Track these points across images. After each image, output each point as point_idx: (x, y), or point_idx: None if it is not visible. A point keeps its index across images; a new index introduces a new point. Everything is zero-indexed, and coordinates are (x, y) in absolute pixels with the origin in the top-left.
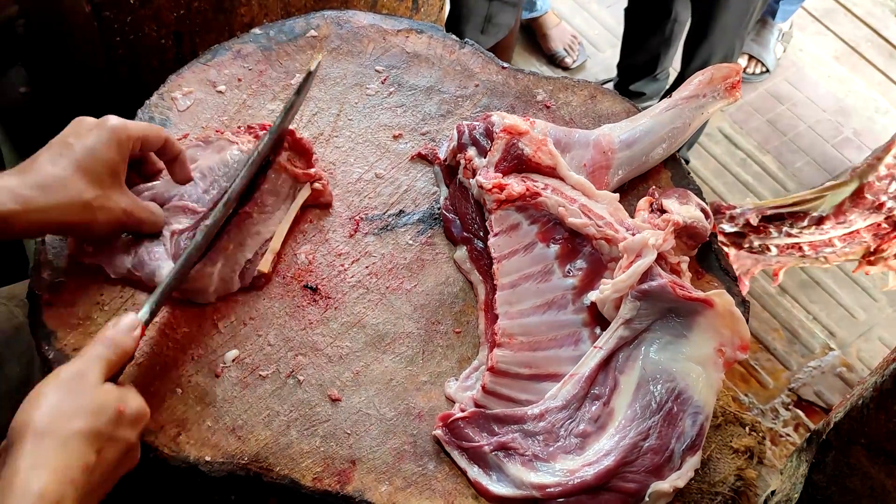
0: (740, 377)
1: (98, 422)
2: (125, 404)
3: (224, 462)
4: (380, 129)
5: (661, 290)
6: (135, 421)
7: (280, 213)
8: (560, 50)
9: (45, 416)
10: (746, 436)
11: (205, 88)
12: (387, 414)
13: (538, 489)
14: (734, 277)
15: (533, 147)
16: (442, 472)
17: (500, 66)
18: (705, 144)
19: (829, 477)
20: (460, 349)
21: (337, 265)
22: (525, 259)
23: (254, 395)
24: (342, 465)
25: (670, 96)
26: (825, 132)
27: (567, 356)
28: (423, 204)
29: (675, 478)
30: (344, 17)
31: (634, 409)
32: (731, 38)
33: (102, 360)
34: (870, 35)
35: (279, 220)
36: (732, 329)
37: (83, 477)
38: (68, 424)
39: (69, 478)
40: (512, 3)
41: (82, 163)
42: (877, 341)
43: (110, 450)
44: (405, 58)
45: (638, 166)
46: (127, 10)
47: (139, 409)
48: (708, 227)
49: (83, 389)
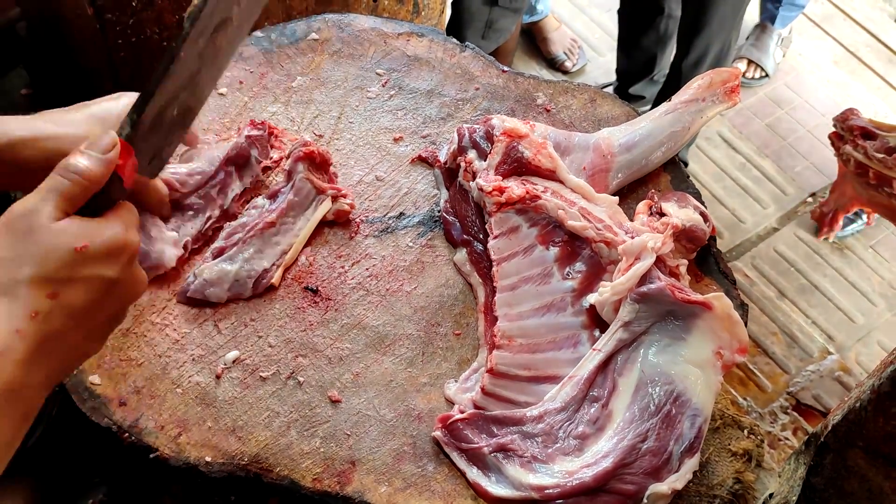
0: (739, 381)
1: (46, 266)
2: (88, 239)
3: (224, 463)
4: (380, 131)
5: (659, 292)
6: (108, 255)
7: (299, 225)
8: (560, 54)
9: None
10: (745, 439)
11: None
12: (386, 415)
13: (537, 490)
14: (733, 280)
15: (533, 150)
16: (441, 473)
17: (500, 70)
18: (704, 148)
19: (827, 479)
20: (460, 351)
21: (337, 267)
22: (525, 261)
23: (254, 396)
24: (342, 466)
25: (669, 100)
26: (824, 136)
27: (566, 358)
28: (424, 206)
29: (673, 480)
30: (345, 21)
31: (633, 411)
32: (728, 29)
33: (56, 193)
34: (869, 40)
35: (297, 233)
36: (731, 332)
37: (33, 325)
38: (10, 273)
39: (13, 328)
40: (513, 9)
41: (98, 113)
42: (875, 345)
43: (72, 292)
44: (406, 61)
45: (637, 170)
46: (129, 13)
47: (112, 242)
48: (707, 229)
49: (30, 230)
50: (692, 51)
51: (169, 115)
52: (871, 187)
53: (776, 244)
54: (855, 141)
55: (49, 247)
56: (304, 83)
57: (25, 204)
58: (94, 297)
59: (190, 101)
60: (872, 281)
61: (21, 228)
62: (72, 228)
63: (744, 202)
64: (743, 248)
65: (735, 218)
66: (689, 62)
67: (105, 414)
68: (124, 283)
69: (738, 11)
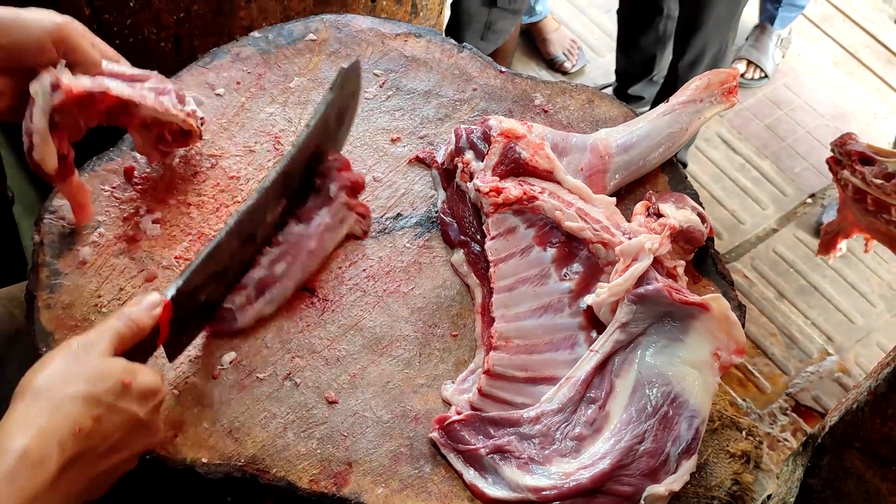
0: (738, 382)
1: (96, 388)
2: (132, 378)
3: (221, 464)
4: (378, 132)
5: (657, 293)
6: (144, 396)
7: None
8: (559, 54)
9: (45, 378)
10: (743, 440)
11: (203, 91)
12: (383, 416)
13: (534, 492)
14: (730, 282)
15: (530, 151)
16: (438, 474)
17: (497, 70)
18: (704, 149)
19: (824, 481)
20: (457, 352)
21: (334, 268)
22: (522, 262)
23: (251, 397)
24: (339, 468)
25: (667, 101)
26: (823, 137)
27: (563, 359)
28: (421, 207)
29: (670, 481)
30: (343, 21)
31: (630, 412)
32: (725, 30)
33: (113, 333)
34: (868, 41)
35: (327, 251)
36: (728, 333)
37: (73, 440)
38: (65, 388)
39: (56, 439)
40: (512, 10)
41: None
42: (875, 346)
43: (110, 419)
44: (403, 61)
45: (635, 170)
46: (126, 13)
47: (150, 385)
48: (704, 231)
49: (88, 357)
50: (688, 51)
51: (198, 299)
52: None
53: (775, 245)
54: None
55: (102, 372)
56: (302, 84)
57: (85, 337)
58: (126, 430)
59: (213, 295)
60: (872, 282)
61: (78, 352)
62: (121, 363)
63: (743, 203)
64: (742, 249)
65: (734, 219)
66: (685, 63)
67: None
68: (149, 425)
69: (735, 12)
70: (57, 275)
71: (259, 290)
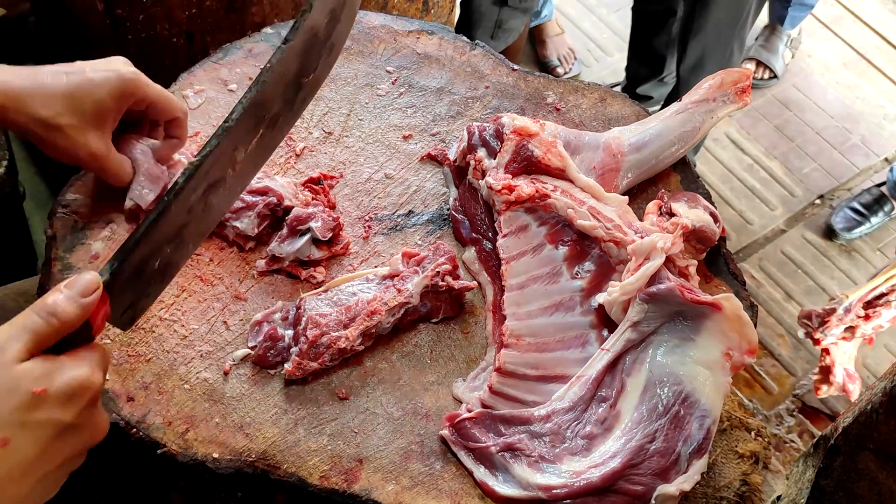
0: (745, 383)
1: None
2: (48, 383)
3: (231, 459)
4: (390, 129)
5: (669, 293)
6: (68, 398)
7: None
8: (553, 59)
9: None
10: (752, 441)
11: (216, 87)
12: (394, 413)
13: (544, 490)
14: (742, 281)
15: (543, 149)
16: (448, 472)
17: (510, 68)
18: (712, 149)
19: (837, 482)
20: (468, 349)
21: (346, 264)
22: (533, 260)
23: (262, 393)
24: (349, 464)
25: (680, 100)
26: (833, 138)
27: (574, 358)
28: (433, 205)
29: (681, 481)
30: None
31: (641, 411)
32: (728, 36)
33: (28, 332)
34: (878, 42)
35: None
36: (740, 333)
37: None
38: None
39: None
40: (522, 9)
41: (76, 91)
42: (882, 348)
43: (23, 438)
44: (416, 59)
45: (647, 169)
46: (139, 9)
47: (75, 384)
48: (717, 230)
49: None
50: (688, 54)
51: (150, 267)
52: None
53: (783, 246)
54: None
55: (8, 387)
56: None
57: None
58: (47, 444)
59: (173, 256)
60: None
61: None
62: (34, 371)
63: (751, 203)
64: (750, 250)
65: (742, 219)
66: (686, 66)
67: (113, 409)
68: (81, 427)
69: (738, 19)
70: (69, 269)
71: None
